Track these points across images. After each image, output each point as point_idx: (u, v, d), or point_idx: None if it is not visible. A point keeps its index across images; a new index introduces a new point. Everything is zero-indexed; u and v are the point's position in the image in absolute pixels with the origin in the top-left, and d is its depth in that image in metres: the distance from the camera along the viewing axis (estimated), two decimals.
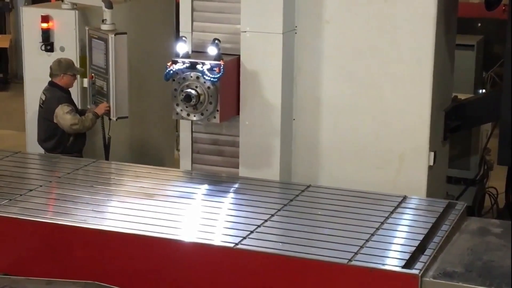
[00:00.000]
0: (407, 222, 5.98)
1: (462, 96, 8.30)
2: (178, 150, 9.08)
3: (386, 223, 5.87)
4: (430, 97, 6.91)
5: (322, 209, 6.15)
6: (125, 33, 8.41)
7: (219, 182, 6.83)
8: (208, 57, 6.84)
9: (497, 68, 12.32)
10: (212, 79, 6.75)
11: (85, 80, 8.83)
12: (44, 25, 8.91)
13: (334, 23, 7.06)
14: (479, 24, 13.22)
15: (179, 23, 7.33)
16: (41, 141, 8.41)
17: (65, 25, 8.88)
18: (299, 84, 7.25)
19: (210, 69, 6.75)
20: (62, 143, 8.26)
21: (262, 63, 7.06)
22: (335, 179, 7.09)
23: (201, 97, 6.82)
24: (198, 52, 7.12)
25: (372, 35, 6.97)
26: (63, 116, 8.14)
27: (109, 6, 8.53)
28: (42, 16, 8.90)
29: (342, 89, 7.13)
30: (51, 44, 8.94)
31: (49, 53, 8.91)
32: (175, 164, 9.69)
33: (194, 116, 6.92)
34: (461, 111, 7.71)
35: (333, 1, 7.03)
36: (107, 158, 8.76)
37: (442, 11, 6.95)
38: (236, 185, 6.78)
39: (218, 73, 6.73)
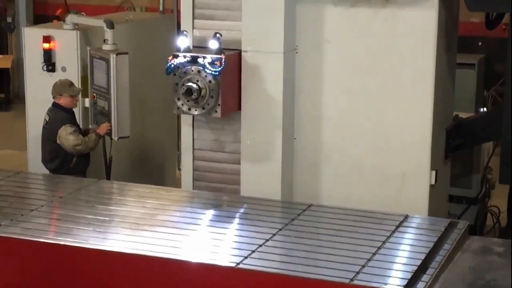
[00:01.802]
0: (409, 241, 5.97)
1: (463, 115, 8.30)
2: (179, 169, 9.08)
3: (388, 242, 5.86)
4: (431, 115, 6.92)
5: (323, 229, 6.14)
6: (126, 53, 8.44)
7: (220, 201, 6.82)
8: (209, 51, 6.84)
9: (498, 86, 12.35)
10: (213, 72, 6.75)
11: (87, 100, 8.84)
12: (46, 45, 8.93)
13: (335, 43, 7.08)
14: (480, 43, 13.27)
15: None
16: (45, 161, 8.41)
17: (66, 46, 8.90)
18: (300, 103, 7.26)
19: (211, 63, 6.75)
20: (65, 163, 8.26)
21: (263, 82, 7.08)
22: (337, 198, 7.08)
23: (202, 91, 6.81)
24: (199, 47, 7.12)
25: (373, 54, 6.99)
26: (66, 137, 8.15)
27: (111, 26, 8.56)
28: (44, 36, 8.93)
29: (343, 108, 7.15)
30: (53, 65, 8.95)
31: (50, 73, 8.92)
32: (176, 183, 9.69)
33: (195, 110, 6.91)
34: (463, 129, 7.72)
35: (334, 21, 7.06)
36: (108, 178, 8.76)
37: (442, 29, 6.97)
38: (238, 204, 6.77)
39: (219, 66, 6.73)
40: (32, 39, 9.08)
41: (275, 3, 6.96)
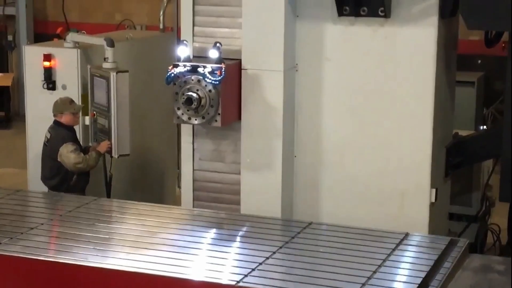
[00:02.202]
0: (409, 259, 5.96)
1: (463, 133, 8.30)
2: (179, 187, 9.08)
3: (388, 260, 5.85)
4: (431, 133, 6.93)
5: (324, 247, 6.14)
6: (126, 71, 8.46)
7: (220, 219, 6.82)
8: (209, 61, 6.86)
9: (497, 104, 12.35)
10: (213, 81, 6.76)
11: (87, 118, 8.85)
12: (46, 63, 8.94)
13: (335, 61, 7.10)
14: (479, 61, 13.29)
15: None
16: (45, 179, 8.41)
17: (67, 64, 8.92)
18: (300, 121, 7.27)
19: (212, 72, 6.76)
20: (66, 181, 8.26)
21: (263, 100, 7.09)
22: (337, 216, 7.08)
23: (202, 100, 6.82)
24: (199, 57, 7.13)
25: (373, 72, 7.00)
26: (67, 155, 8.15)
27: (111, 44, 8.59)
28: (44, 54, 8.94)
29: (343, 126, 7.15)
30: (53, 83, 8.97)
31: (51, 91, 8.93)
32: (177, 201, 9.69)
33: (196, 120, 6.92)
34: (462, 147, 7.72)
35: (333, 39, 7.08)
36: (108, 196, 8.76)
37: (442, 47, 6.99)
38: (238, 222, 6.77)
39: (220, 76, 6.74)
40: (32, 57, 9.10)
41: (275, 21, 6.98)
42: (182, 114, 6.92)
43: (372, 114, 7.05)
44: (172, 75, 6.86)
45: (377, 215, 7.05)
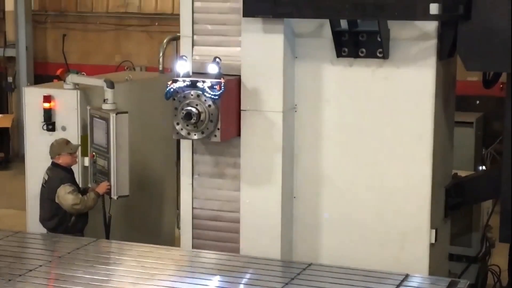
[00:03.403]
0: None
1: (462, 173, 8.31)
2: (179, 228, 9.05)
3: None
4: (430, 174, 6.92)
5: None
6: (126, 112, 8.48)
7: (220, 260, 6.79)
8: (208, 76, 6.87)
9: (496, 145, 12.37)
10: (213, 96, 6.76)
11: (86, 159, 8.85)
12: (46, 105, 8.97)
13: (334, 102, 7.12)
14: (478, 102, 13.34)
15: None
16: (43, 220, 8.39)
17: (67, 105, 8.94)
18: (300, 162, 7.27)
19: (211, 87, 6.76)
20: (64, 222, 8.23)
21: (262, 141, 7.10)
22: (337, 257, 7.05)
23: (202, 115, 6.81)
24: (198, 73, 7.14)
25: (372, 113, 7.02)
26: (65, 196, 8.14)
27: (111, 86, 8.62)
28: (44, 96, 8.97)
29: (342, 167, 7.15)
30: (53, 124, 8.98)
31: (50, 132, 8.95)
32: (176, 242, 9.65)
33: (195, 134, 6.90)
34: (462, 188, 7.71)
35: (333, 80, 7.10)
36: (107, 237, 8.72)
37: (440, 88, 7.02)
38: (237, 263, 6.74)
39: (219, 90, 6.75)
40: (32, 99, 9.13)
41: (274, 62, 7.02)
42: (181, 129, 6.91)
43: (372, 154, 7.06)
44: (172, 90, 6.88)
45: (377, 256, 7.03)
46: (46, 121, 8.99)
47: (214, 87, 6.75)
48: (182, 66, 6.94)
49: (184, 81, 6.86)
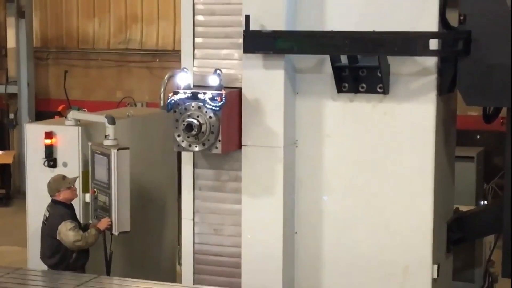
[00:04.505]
0: None
1: (464, 208, 8.29)
2: (180, 263, 9.02)
3: None
4: (432, 209, 6.92)
5: None
6: (127, 148, 8.48)
7: None
8: (209, 88, 6.87)
9: (498, 179, 12.36)
10: (213, 107, 6.76)
11: (87, 195, 8.84)
12: (48, 141, 8.97)
13: (335, 137, 7.14)
14: (478, 136, 13.36)
15: None
16: (45, 257, 8.35)
17: (68, 141, 8.95)
18: (301, 197, 7.27)
19: (212, 98, 6.77)
20: (65, 259, 8.20)
21: (263, 176, 7.10)
22: None
23: (203, 127, 6.81)
24: (199, 86, 7.15)
25: (373, 148, 7.03)
26: (66, 232, 8.12)
27: (112, 122, 8.64)
28: (45, 132, 8.99)
29: (343, 201, 7.15)
30: (54, 160, 8.99)
31: (52, 168, 8.95)
32: (177, 278, 9.61)
33: (196, 146, 6.89)
34: (464, 223, 7.69)
35: (333, 115, 7.12)
36: (108, 273, 8.68)
37: (441, 123, 7.03)
38: None
39: (220, 102, 6.74)
40: (34, 135, 9.13)
41: (274, 98, 7.04)
42: (182, 141, 6.91)
43: (373, 189, 7.06)
44: (173, 101, 6.89)
45: None
46: (47, 157, 8.99)
47: (215, 98, 6.76)
48: (183, 79, 6.96)
49: (185, 92, 6.87)
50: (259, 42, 6.91)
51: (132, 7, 17.16)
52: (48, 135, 9.00)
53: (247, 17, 6.85)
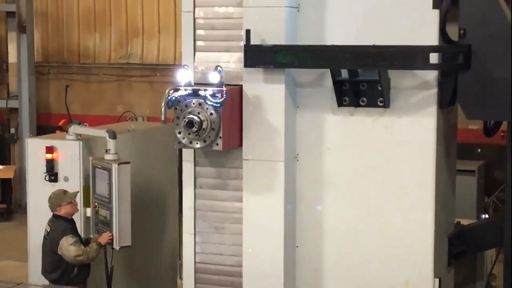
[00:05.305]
0: None
1: (465, 222, 8.28)
2: (181, 278, 9.01)
3: None
4: (432, 223, 6.91)
5: None
6: (128, 162, 8.49)
7: None
8: (210, 85, 6.88)
9: (499, 193, 12.36)
10: (214, 104, 6.75)
11: (88, 210, 8.84)
12: (49, 155, 8.97)
13: (335, 150, 7.14)
14: (479, 150, 13.36)
15: (181, 154, 7.42)
16: (46, 272, 8.34)
17: (69, 156, 8.95)
18: (302, 211, 7.26)
19: (213, 95, 6.77)
20: (66, 274, 8.19)
21: (264, 190, 7.09)
22: None
23: (204, 124, 6.80)
24: (200, 84, 7.14)
25: (373, 162, 7.03)
26: (68, 247, 8.11)
27: (113, 136, 8.64)
28: (46, 147, 8.99)
29: (344, 215, 7.14)
30: (55, 175, 8.99)
31: (53, 183, 8.95)
32: None
33: (197, 143, 6.88)
34: (465, 237, 7.68)
35: (334, 129, 7.13)
36: None
37: (441, 137, 7.03)
38: None
39: (221, 98, 6.74)
40: (35, 150, 9.14)
41: (275, 112, 7.05)
42: (183, 138, 6.90)
43: (374, 203, 7.05)
44: (173, 98, 6.89)
45: None
46: (48, 172, 9.00)
47: (216, 95, 6.77)
48: (184, 76, 6.97)
49: (185, 89, 6.88)
50: (259, 56, 6.93)
51: (133, 22, 17.22)
52: (49, 149, 9.01)
53: (248, 32, 6.87)
